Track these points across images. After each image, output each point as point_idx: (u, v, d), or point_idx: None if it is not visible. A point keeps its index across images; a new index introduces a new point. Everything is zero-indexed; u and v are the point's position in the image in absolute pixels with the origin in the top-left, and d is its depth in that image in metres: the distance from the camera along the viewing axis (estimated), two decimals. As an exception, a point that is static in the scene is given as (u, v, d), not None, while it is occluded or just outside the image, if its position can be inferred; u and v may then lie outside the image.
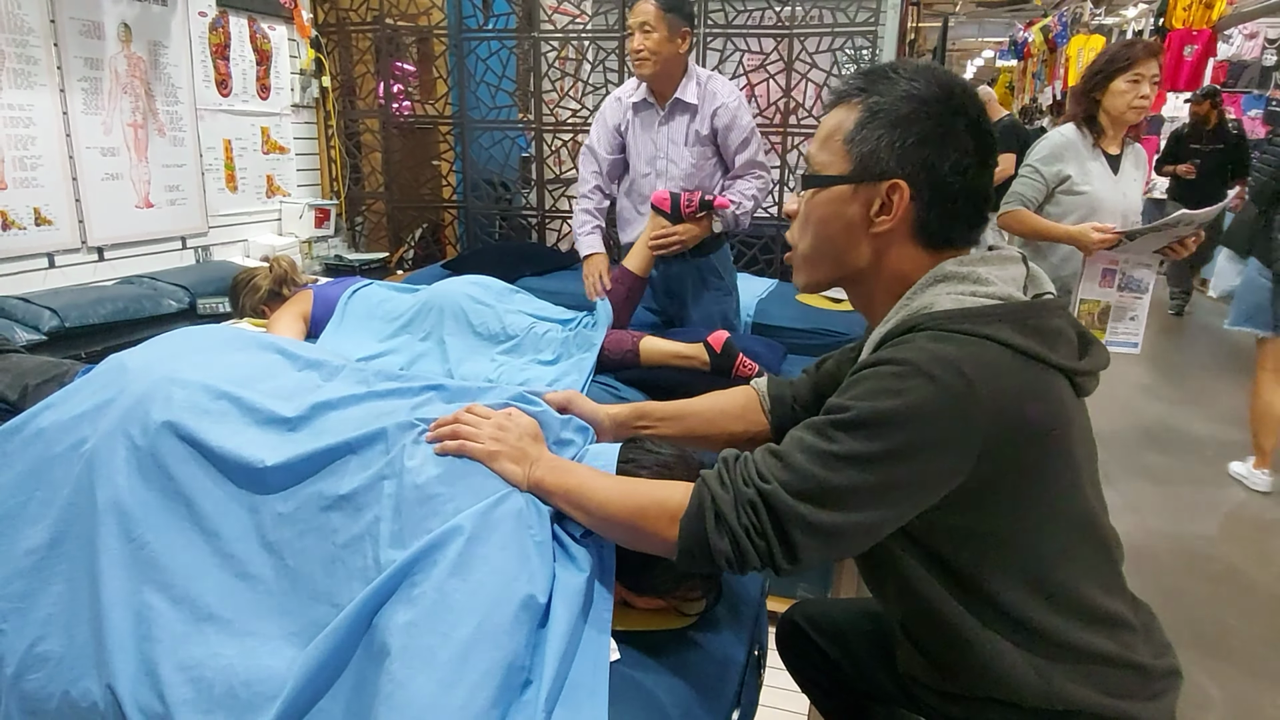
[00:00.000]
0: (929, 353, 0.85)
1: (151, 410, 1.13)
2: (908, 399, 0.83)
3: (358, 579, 0.99)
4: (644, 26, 2.35)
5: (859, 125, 0.94)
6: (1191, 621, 2.37)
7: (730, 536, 0.90)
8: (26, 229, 2.58)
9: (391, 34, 3.80)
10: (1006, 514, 0.89)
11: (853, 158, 0.95)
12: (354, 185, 4.02)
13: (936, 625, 0.95)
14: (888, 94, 0.93)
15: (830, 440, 0.87)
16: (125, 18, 2.86)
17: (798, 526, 0.86)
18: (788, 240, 1.07)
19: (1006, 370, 0.85)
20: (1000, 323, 0.87)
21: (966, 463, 0.85)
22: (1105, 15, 11.65)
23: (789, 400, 1.27)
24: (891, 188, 0.93)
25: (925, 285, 0.95)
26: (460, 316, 2.26)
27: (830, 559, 0.91)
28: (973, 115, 0.94)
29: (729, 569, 0.91)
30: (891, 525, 0.89)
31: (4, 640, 1.04)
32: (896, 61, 0.98)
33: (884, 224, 0.95)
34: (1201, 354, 5.46)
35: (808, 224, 1.01)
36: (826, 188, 0.98)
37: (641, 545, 1.01)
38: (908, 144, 0.92)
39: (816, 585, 2.28)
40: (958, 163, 0.92)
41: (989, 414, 0.83)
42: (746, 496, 0.89)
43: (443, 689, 0.86)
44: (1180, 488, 3.44)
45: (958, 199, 0.94)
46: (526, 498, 1.07)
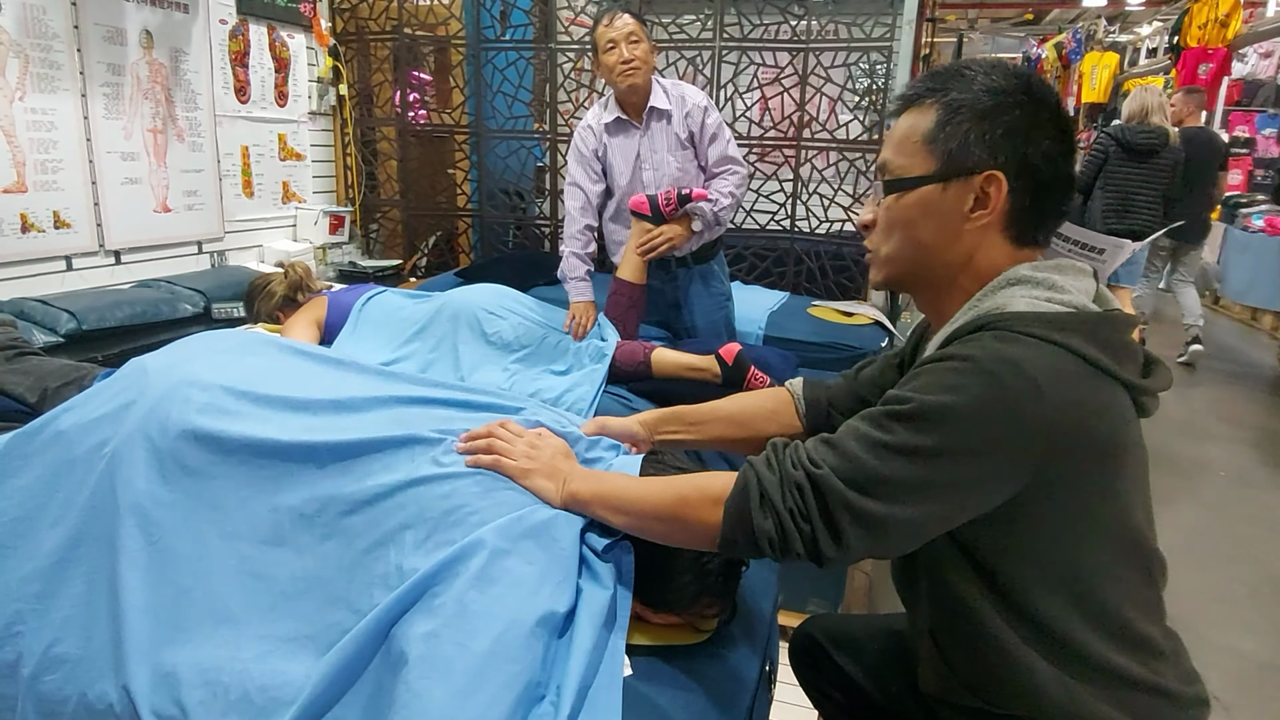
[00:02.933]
0: (994, 351, 0.83)
1: (171, 412, 1.14)
2: (967, 395, 0.82)
3: (378, 585, 0.99)
4: (631, 38, 2.42)
5: (940, 124, 0.93)
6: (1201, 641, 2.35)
7: (775, 518, 0.88)
8: (46, 231, 2.60)
9: (409, 43, 3.83)
10: (1057, 527, 0.88)
11: (938, 156, 0.94)
12: (369, 192, 4.04)
13: (969, 635, 0.94)
14: (966, 90, 0.93)
15: (885, 430, 0.85)
16: (148, 24, 2.88)
17: (846, 513, 0.85)
18: (867, 248, 1.05)
19: (1074, 379, 0.84)
20: (1072, 331, 0.85)
21: (1024, 469, 0.83)
22: (1119, 33, 11.65)
23: (824, 403, 1.26)
24: (987, 180, 0.92)
25: (998, 287, 0.93)
26: (474, 325, 2.27)
27: (875, 554, 0.90)
28: (1053, 103, 0.94)
29: (771, 553, 0.89)
30: (939, 527, 0.87)
31: (22, 641, 1.04)
32: (963, 61, 0.98)
33: (981, 218, 0.93)
34: (1214, 370, 5.43)
35: (893, 229, 0.99)
36: (912, 190, 0.96)
37: (683, 537, 1.00)
38: (997, 135, 0.91)
39: (828, 600, 2.27)
40: (1048, 151, 0.92)
41: (1051, 421, 0.82)
42: (794, 479, 0.88)
43: (459, 700, 0.86)
44: (1186, 506, 3.41)
45: (1050, 186, 0.93)
46: (552, 513, 1.07)
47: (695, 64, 3.46)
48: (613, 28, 2.43)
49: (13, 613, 1.06)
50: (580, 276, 2.54)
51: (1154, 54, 10.21)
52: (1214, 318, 7.02)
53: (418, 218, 4.06)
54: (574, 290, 2.53)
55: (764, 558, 0.92)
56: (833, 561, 0.88)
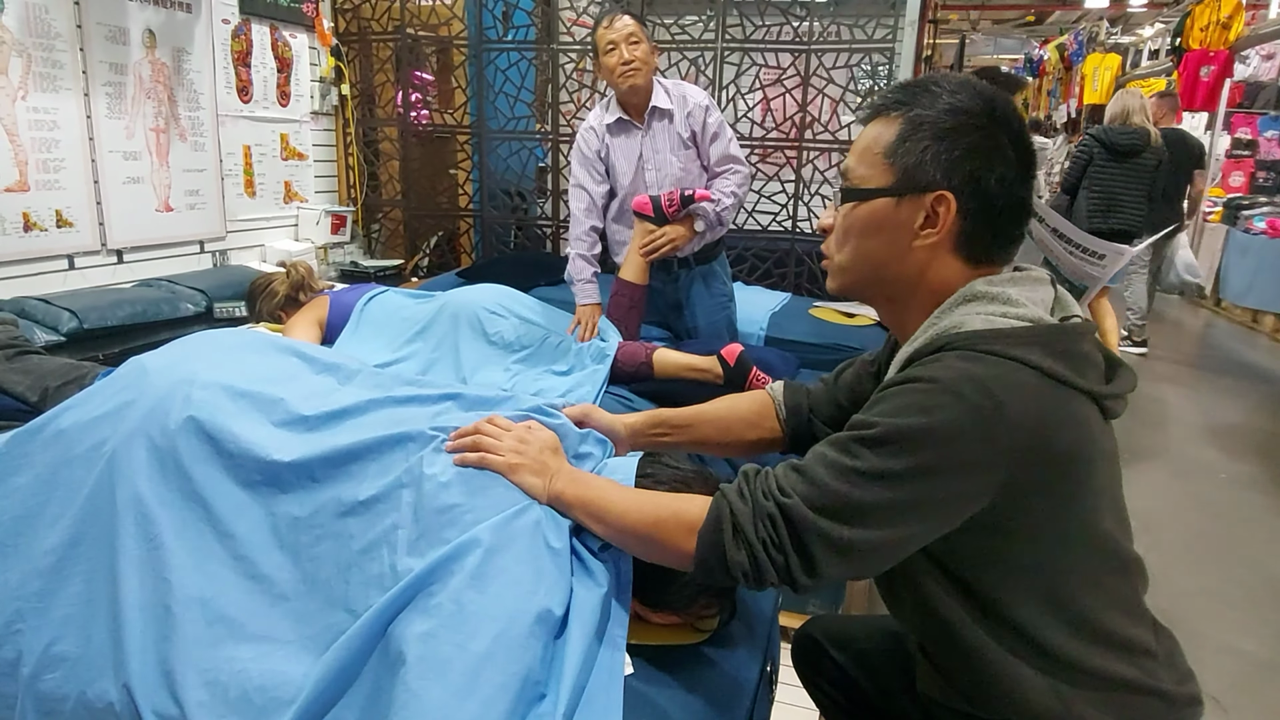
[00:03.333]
0: (957, 371, 0.84)
1: (171, 411, 1.14)
2: (934, 417, 0.82)
3: (374, 586, 0.99)
4: (631, 39, 2.42)
5: (901, 138, 0.94)
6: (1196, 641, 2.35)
7: (748, 549, 0.89)
8: (48, 230, 2.60)
9: (412, 44, 3.83)
10: (1029, 538, 0.88)
11: (896, 170, 0.94)
12: (371, 192, 4.05)
13: (956, 647, 0.94)
14: (931, 107, 0.92)
15: (854, 456, 0.86)
16: (150, 24, 2.89)
17: (817, 541, 0.85)
18: (824, 252, 1.06)
19: (1035, 393, 0.84)
20: (1030, 345, 0.86)
21: (991, 485, 0.84)
22: (1121, 34, 11.65)
23: (804, 408, 1.26)
24: (938, 200, 0.92)
25: (954, 304, 0.94)
26: (475, 325, 2.27)
27: (849, 577, 0.90)
28: (1015, 128, 0.93)
29: (745, 583, 0.90)
30: (913, 545, 0.88)
31: (22, 639, 1.04)
32: (934, 75, 0.98)
33: (929, 237, 0.94)
34: (1215, 373, 5.42)
35: (847, 237, 1.00)
36: (867, 200, 0.97)
37: (659, 557, 1.01)
38: (954, 156, 0.91)
39: (828, 602, 2.27)
40: (1003, 175, 0.92)
41: (1016, 437, 0.82)
42: (765, 510, 0.89)
43: (457, 700, 0.86)
44: (1186, 508, 3.41)
45: (1002, 212, 0.93)
46: (545, 510, 1.07)
47: (697, 65, 3.47)
48: (612, 29, 2.43)
49: (13, 611, 1.06)
50: (587, 279, 2.54)
51: (1156, 56, 10.21)
52: (1215, 320, 7.02)
53: (419, 218, 4.06)
54: (581, 293, 2.53)
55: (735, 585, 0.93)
56: (807, 588, 0.89)
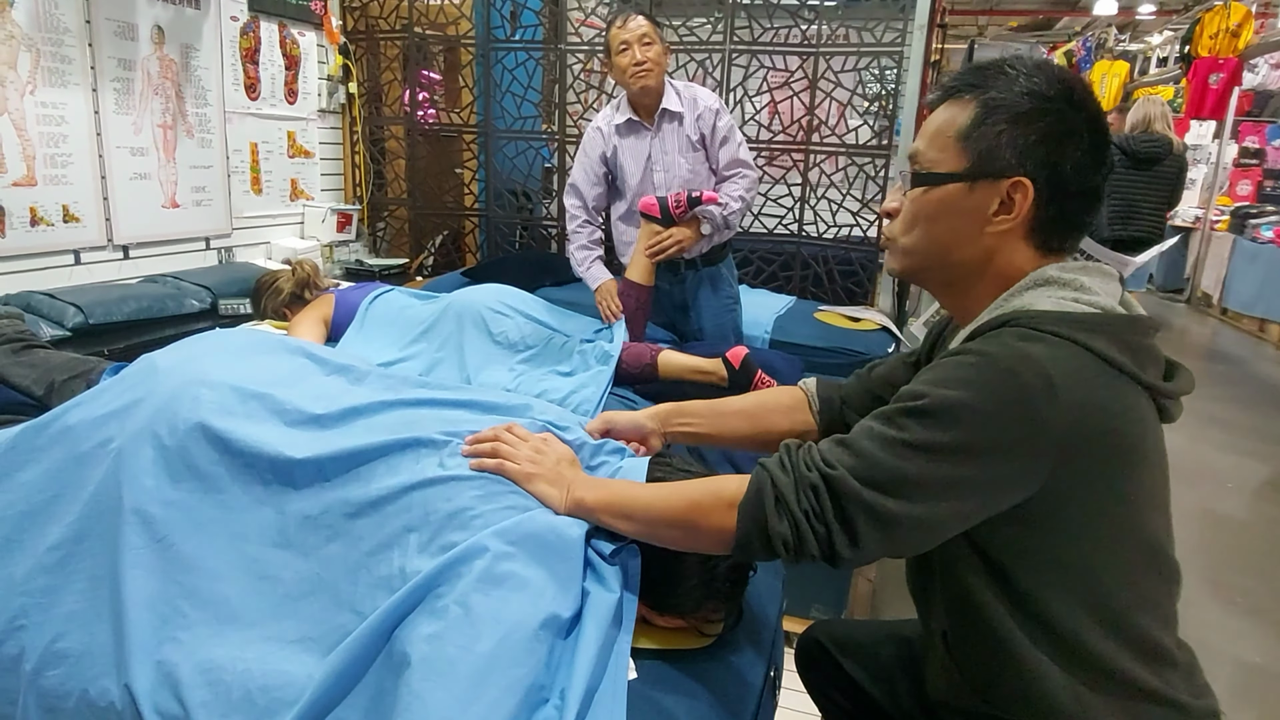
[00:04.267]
0: (1013, 349, 0.82)
1: (180, 411, 1.13)
2: (981, 392, 0.81)
3: (382, 588, 0.99)
4: (644, 39, 2.43)
5: (975, 121, 0.92)
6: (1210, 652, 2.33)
7: (790, 519, 0.87)
8: (54, 225, 2.60)
9: (419, 42, 3.83)
10: (1075, 530, 0.87)
11: (969, 155, 0.92)
12: (377, 191, 4.04)
13: (981, 638, 0.93)
14: (1006, 90, 0.91)
15: (900, 428, 0.84)
16: (159, 20, 2.89)
17: (861, 512, 0.84)
18: (887, 234, 1.04)
19: (1093, 380, 0.83)
20: (1095, 331, 0.84)
21: (1040, 469, 0.82)
22: (1130, 42, 11.63)
23: (837, 402, 1.25)
24: (1014, 186, 0.90)
25: (1025, 288, 0.92)
26: (480, 325, 2.26)
27: (888, 553, 0.89)
28: (1092, 112, 0.91)
29: (786, 555, 0.89)
30: (955, 526, 0.86)
31: (25, 635, 1.04)
32: (1008, 57, 0.96)
33: (1003, 223, 0.92)
34: (1221, 381, 5.41)
35: (915, 222, 0.98)
36: (939, 185, 0.95)
37: (697, 541, 0.99)
38: (1030, 141, 0.89)
39: (831, 606, 2.26)
40: (1079, 162, 0.90)
41: (1065, 421, 0.81)
42: (809, 480, 0.87)
43: (461, 704, 0.86)
44: (1193, 516, 3.39)
45: (1076, 199, 0.92)
46: (556, 515, 1.06)
47: (705, 67, 3.46)
48: (626, 29, 2.43)
49: (17, 607, 1.05)
50: (592, 261, 2.59)
51: (1164, 63, 10.19)
52: (1221, 328, 7.00)
53: (425, 217, 4.06)
54: (591, 278, 2.56)
55: (777, 559, 0.91)
56: (848, 562, 0.87)
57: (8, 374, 1.81)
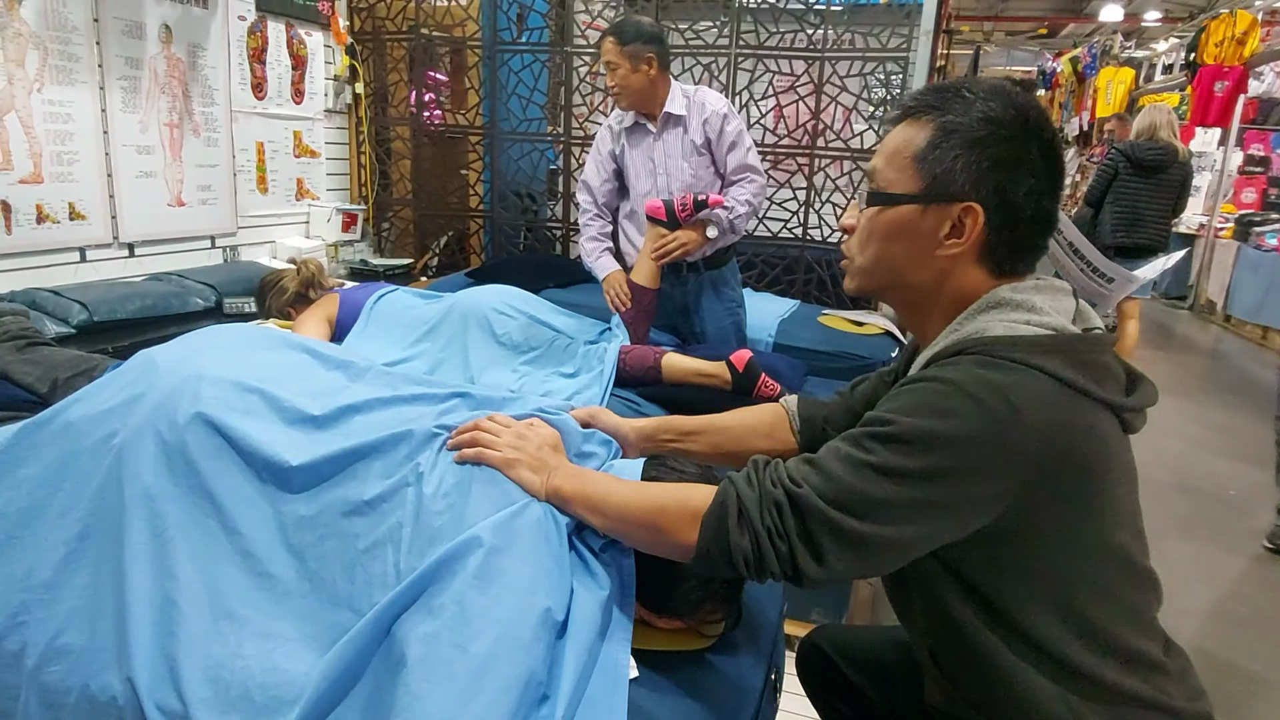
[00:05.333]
0: (975, 377, 0.83)
1: (181, 405, 1.13)
2: (950, 421, 0.82)
3: (378, 585, 0.99)
4: (609, 65, 2.44)
5: (931, 144, 0.92)
6: (1212, 664, 2.33)
7: (752, 535, 0.88)
8: (60, 223, 2.61)
9: (426, 44, 3.84)
10: (1043, 546, 0.87)
11: (923, 177, 0.92)
12: (382, 191, 4.05)
13: (967, 653, 0.93)
14: (963, 114, 0.91)
15: (867, 451, 0.85)
16: (167, 19, 2.90)
17: (826, 532, 0.84)
18: (844, 251, 1.05)
19: (1053, 402, 0.83)
20: (1051, 354, 0.85)
21: (1006, 492, 0.83)
22: (1135, 48, 11.62)
23: (819, 421, 1.26)
24: (965, 210, 0.91)
25: (977, 311, 0.93)
26: (484, 325, 2.27)
27: (855, 574, 0.89)
28: (1047, 139, 0.91)
29: (746, 572, 0.89)
30: (924, 547, 0.87)
31: (27, 631, 1.04)
32: (967, 79, 0.96)
33: (953, 247, 0.93)
34: (1224, 389, 5.40)
35: (869, 240, 0.99)
36: (893, 205, 0.95)
37: (660, 547, 0.99)
38: (984, 166, 0.90)
39: (831, 610, 2.26)
40: (1032, 188, 0.90)
41: (1032, 444, 0.82)
42: (773, 497, 0.87)
43: (459, 702, 0.86)
44: (1194, 524, 3.39)
45: (1028, 225, 0.92)
46: (545, 509, 1.06)
47: (711, 71, 3.47)
48: (601, 52, 2.48)
49: (18, 603, 1.05)
50: (601, 253, 2.62)
51: (1170, 70, 10.18)
52: (1224, 336, 6.99)
53: (429, 217, 4.07)
54: (600, 267, 2.59)
55: (738, 576, 0.92)
56: (814, 581, 0.87)
57: (11, 371, 1.81)
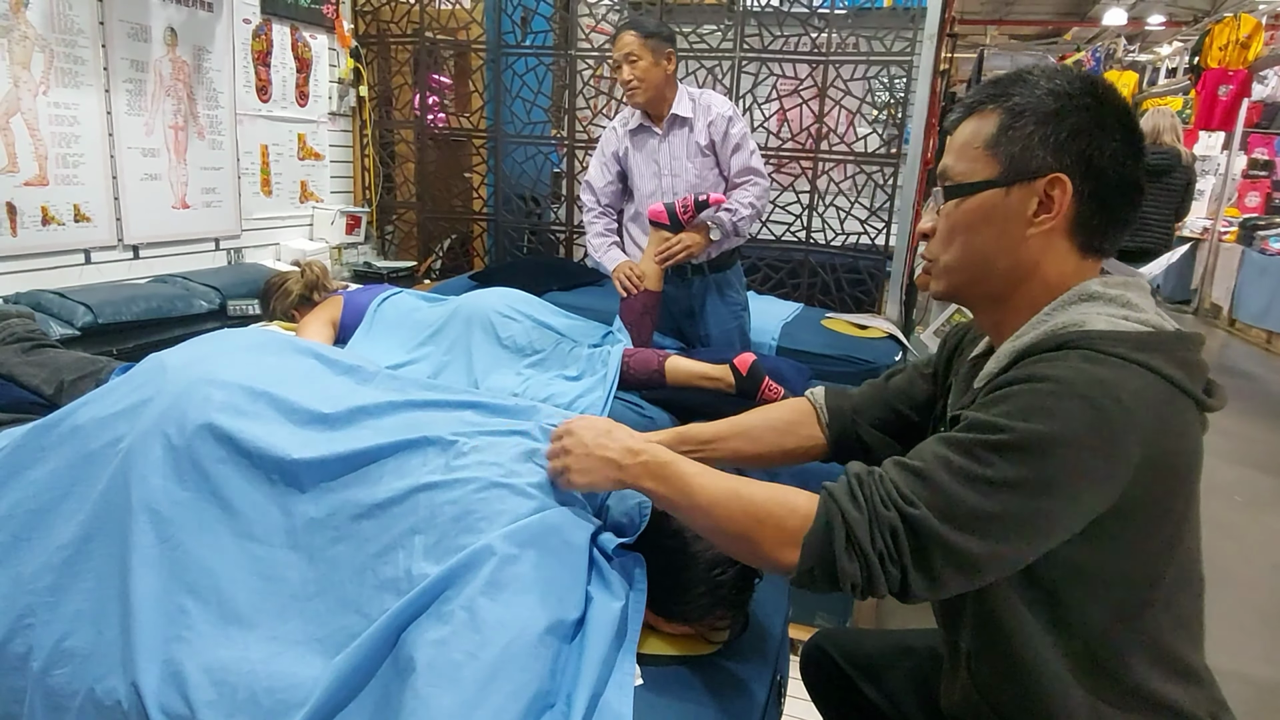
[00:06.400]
0: (1085, 374, 0.80)
1: (189, 410, 1.13)
2: (1065, 422, 0.79)
3: (388, 590, 0.99)
4: (629, 57, 2.42)
5: (1003, 128, 0.90)
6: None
7: (862, 560, 0.83)
8: (65, 225, 2.61)
9: (430, 47, 3.85)
10: (1128, 551, 0.85)
11: (1001, 160, 0.91)
12: (386, 194, 4.06)
13: (1010, 659, 0.91)
14: (1029, 94, 0.90)
15: (983, 463, 0.81)
16: (172, 22, 2.91)
17: (942, 555, 0.81)
18: (925, 256, 1.02)
19: (1160, 401, 0.81)
20: (1154, 351, 0.83)
21: (1114, 492, 0.81)
22: (1139, 52, 11.62)
23: (848, 413, 1.23)
24: (1051, 183, 0.88)
25: (1069, 302, 0.90)
26: (488, 328, 2.27)
27: (964, 589, 0.85)
28: (1120, 106, 0.90)
29: (852, 593, 0.86)
30: (1031, 558, 0.84)
31: (33, 634, 1.04)
32: (1025, 68, 0.95)
33: (1045, 222, 0.90)
34: (1229, 394, 5.38)
35: (954, 235, 0.96)
36: (973, 194, 0.93)
37: (753, 560, 0.95)
38: (1062, 137, 0.88)
39: (836, 614, 2.25)
40: (1115, 153, 0.88)
41: (1141, 444, 0.80)
42: (887, 520, 0.83)
43: (467, 709, 0.86)
44: (1207, 533, 3.38)
45: (1116, 191, 0.90)
46: (564, 514, 1.06)
47: (715, 74, 3.47)
48: (616, 47, 2.47)
49: (24, 605, 1.05)
50: (608, 247, 2.62)
51: (1173, 74, 10.17)
52: (1230, 340, 6.97)
53: (433, 220, 4.07)
54: (609, 260, 2.58)
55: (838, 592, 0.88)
56: (920, 600, 0.85)
57: (17, 373, 1.82)
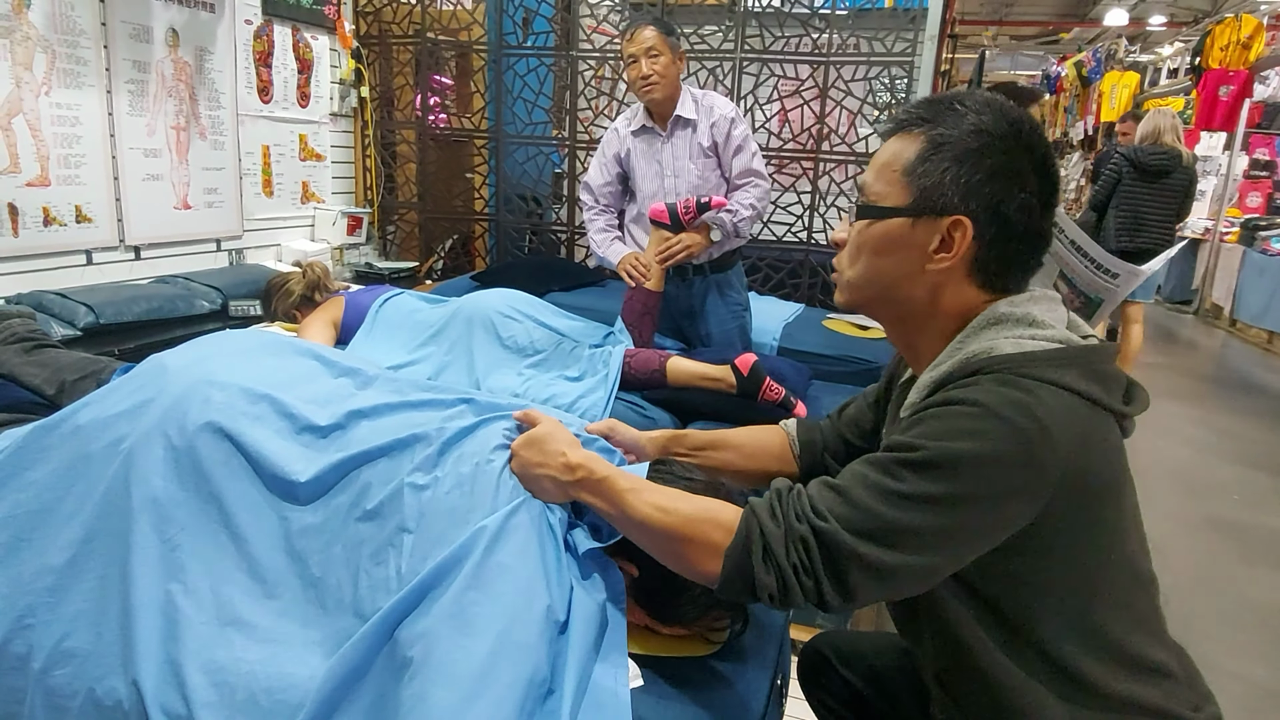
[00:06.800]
0: (1001, 396, 0.81)
1: (190, 411, 1.14)
2: (982, 442, 0.80)
3: (381, 590, 0.99)
4: (650, 52, 2.42)
5: (921, 157, 0.91)
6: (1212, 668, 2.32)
7: (777, 573, 0.86)
8: (67, 225, 2.62)
9: (431, 48, 3.85)
10: (1064, 560, 0.86)
11: (913, 190, 0.91)
12: (387, 194, 4.06)
13: (974, 673, 0.92)
14: (954, 126, 0.89)
15: (897, 479, 0.83)
16: (174, 23, 2.91)
17: (855, 566, 0.83)
18: (835, 266, 1.04)
19: (1076, 416, 0.82)
20: (1065, 367, 0.84)
21: (1034, 509, 0.82)
22: (1140, 53, 11.62)
23: (818, 446, 1.25)
24: (954, 224, 0.89)
25: (979, 328, 0.91)
26: (489, 329, 2.27)
27: (883, 599, 0.88)
28: (1039, 153, 0.90)
29: (771, 604, 0.88)
30: (950, 569, 0.86)
31: (33, 634, 1.04)
32: (960, 92, 0.95)
33: (942, 261, 0.91)
34: (1229, 394, 5.38)
35: (859, 254, 0.98)
36: (882, 219, 0.94)
37: (683, 570, 0.97)
38: (974, 180, 0.88)
39: (838, 617, 2.25)
40: (1024, 202, 0.89)
41: (1061, 460, 0.81)
42: (799, 533, 0.86)
43: (464, 703, 0.86)
44: (1200, 530, 3.38)
45: (1020, 240, 0.90)
46: (541, 506, 1.07)
47: (716, 75, 3.47)
48: (633, 42, 2.44)
49: (25, 606, 1.05)
50: (611, 241, 2.63)
51: (1175, 75, 10.17)
52: (1230, 340, 6.97)
53: (435, 221, 4.08)
54: (612, 254, 2.59)
55: None
56: (838, 610, 0.87)
57: (19, 373, 1.82)
